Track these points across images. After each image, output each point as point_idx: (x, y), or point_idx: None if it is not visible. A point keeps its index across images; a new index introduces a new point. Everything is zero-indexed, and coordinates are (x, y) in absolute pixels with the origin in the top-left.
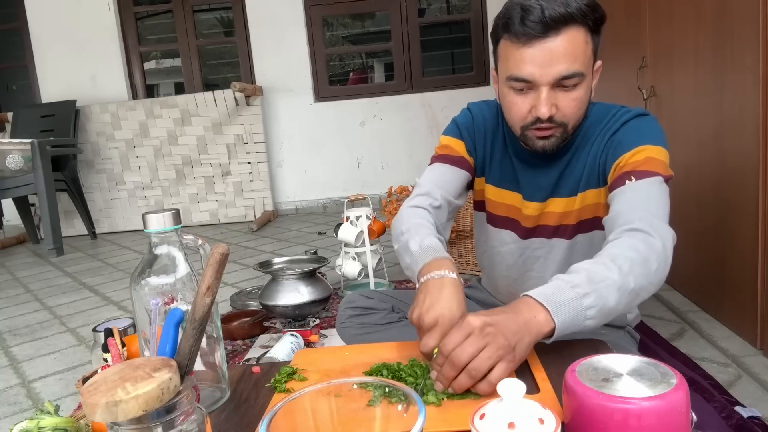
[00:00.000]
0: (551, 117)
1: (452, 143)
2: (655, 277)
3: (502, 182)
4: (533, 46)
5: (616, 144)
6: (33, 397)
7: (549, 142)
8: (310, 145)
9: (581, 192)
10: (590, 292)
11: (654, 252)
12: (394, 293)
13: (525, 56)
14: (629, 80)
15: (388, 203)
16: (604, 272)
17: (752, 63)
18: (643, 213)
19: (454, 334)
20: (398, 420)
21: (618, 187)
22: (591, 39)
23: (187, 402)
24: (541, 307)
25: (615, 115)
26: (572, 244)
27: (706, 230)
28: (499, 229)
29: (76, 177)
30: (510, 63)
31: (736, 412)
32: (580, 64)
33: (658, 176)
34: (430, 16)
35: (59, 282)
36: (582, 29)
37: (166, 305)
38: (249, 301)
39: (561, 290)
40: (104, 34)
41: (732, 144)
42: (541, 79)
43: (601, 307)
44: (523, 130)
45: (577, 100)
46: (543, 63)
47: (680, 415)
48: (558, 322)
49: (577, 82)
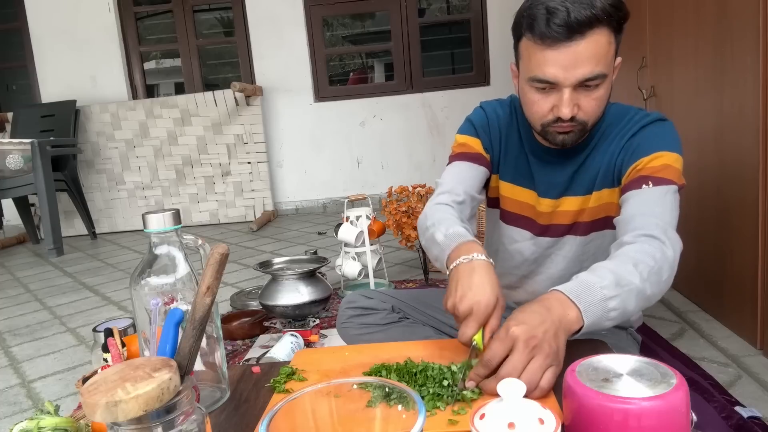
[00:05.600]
0: (573, 117)
1: (469, 141)
2: (665, 286)
3: (517, 179)
4: (557, 50)
5: (635, 147)
6: (33, 397)
7: (569, 137)
8: (310, 145)
9: (596, 191)
10: (616, 296)
11: (667, 262)
12: (394, 293)
13: (549, 58)
14: (629, 80)
15: (388, 203)
16: (629, 277)
17: (752, 63)
18: (658, 220)
19: (497, 348)
20: (398, 420)
21: (633, 189)
22: (614, 39)
23: (187, 402)
24: (572, 304)
25: (634, 118)
26: (585, 241)
27: (706, 230)
28: (512, 226)
29: (76, 177)
30: (533, 63)
31: (736, 412)
32: (603, 65)
33: (673, 185)
34: (430, 16)
35: (59, 282)
36: (606, 30)
37: (166, 305)
38: (249, 301)
39: (591, 290)
40: (104, 34)
41: (732, 144)
42: (564, 82)
43: (623, 310)
44: (543, 127)
45: (598, 99)
46: (567, 66)
47: (680, 415)
48: (587, 322)
49: (599, 83)
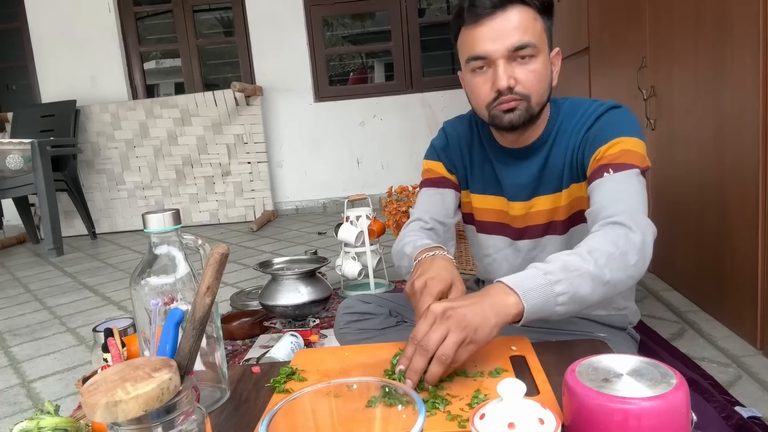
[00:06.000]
0: (511, 89)
1: (432, 165)
2: (634, 271)
3: (486, 188)
4: (484, 25)
5: (592, 138)
6: (33, 397)
7: (515, 115)
8: (310, 145)
9: (566, 188)
10: (562, 280)
11: (633, 246)
12: (391, 297)
13: (477, 35)
14: (629, 80)
15: (388, 203)
16: (579, 262)
17: (752, 63)
18: (623, 206)
19: (420, 324)
20: (398, 420)
21: (596, 179)
22: (540, 18)
23: (187, 402)
24: (511, 291)
25: (588, 109)
26: (567, 239)
27: (706, 230)
28: (490, 235)
29: (76, 177)
30: (466, 46)
31: (736, 412)
32: (531, 35)
33: (634, 168)
34: (430, 16)
35: (59, 282)
36: (529, 9)
37: (166, 305)
38: (249, 301)
39: (533, 277)
40: (104, 34)
41: (732, 144)
42: (495, 53)
43: (573, 294)
44: (489, 109)
45: (535, 72)
46: (495, 38)
47: (680, 415)
48: (527, 305)
49: (531, 53)
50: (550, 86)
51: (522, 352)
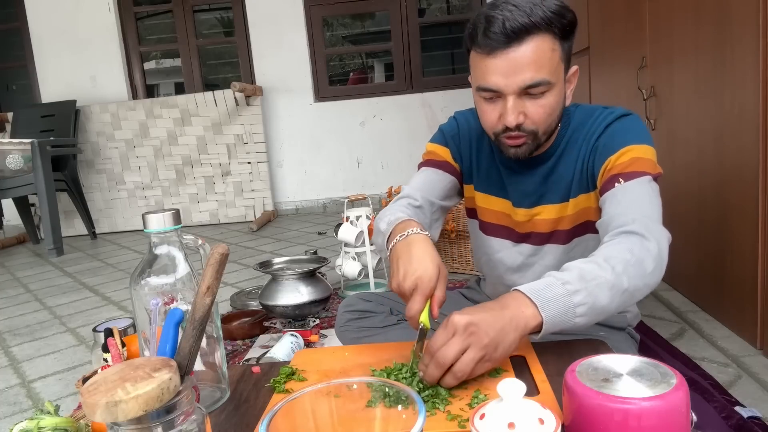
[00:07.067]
0: (519, 125)
1: (437, 149)
2: (650, 279)
3: (490, 189)
4: (497, 57)
5: (601, 147)
6: (33, 397)
7: (520, 150)
8: (310, 145)
9: (573, 198)
10: (581, 290)
11: (649, 254)
12: (392, 295)
13: (489, 67)
14: (629, 80)
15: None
16: (597, 271)
17: (752, 63)
18: (636, 215)
19: (439, 335)
20: (398, 420)
21: (608, 190)
22: (559, 46)
23: (187, 402)
24: (529, 301)
25: (597, 118)
26: (568, 249)
27: (706, 230)
28: (491, 236)
29: (76, 177)
30: (478, 73)
31: (736, 412)
32: (546, 72)
33: (646, 175)
34: (430, 16)
35: (59, 282)
36: (548, 37)
37: (166, 305)
38: (249, 301)
39: (551, 286)
40: (104, 34)
41: (732, 144)
42: (506, 89)
43: (592, 304)
44: (495, 136)
45: (546, 107)
46: (507, 73)
47: (680, 415)
48: (546, 317)
49: (544, 90)
50: (561, 114)
51: (522, 352)
